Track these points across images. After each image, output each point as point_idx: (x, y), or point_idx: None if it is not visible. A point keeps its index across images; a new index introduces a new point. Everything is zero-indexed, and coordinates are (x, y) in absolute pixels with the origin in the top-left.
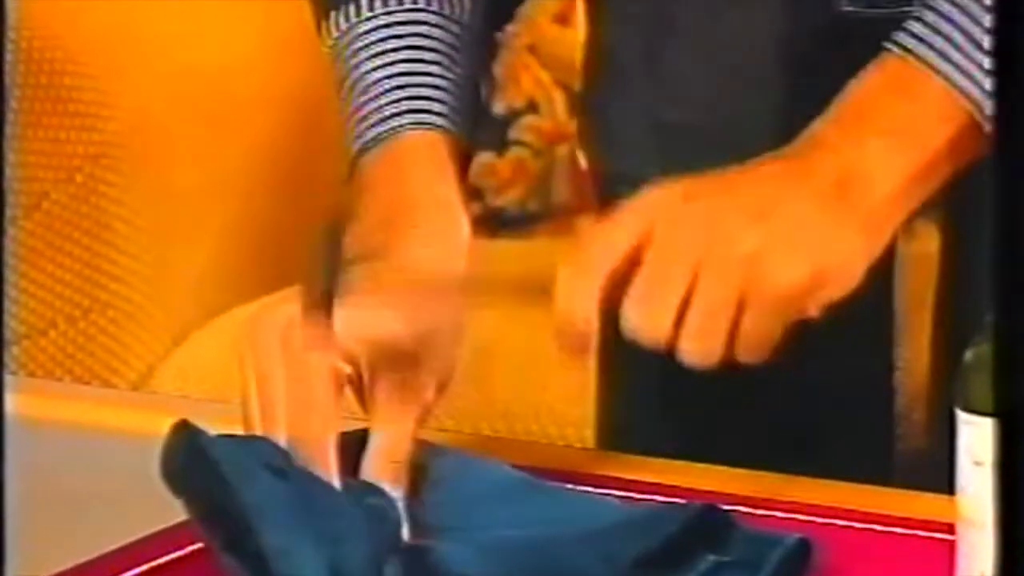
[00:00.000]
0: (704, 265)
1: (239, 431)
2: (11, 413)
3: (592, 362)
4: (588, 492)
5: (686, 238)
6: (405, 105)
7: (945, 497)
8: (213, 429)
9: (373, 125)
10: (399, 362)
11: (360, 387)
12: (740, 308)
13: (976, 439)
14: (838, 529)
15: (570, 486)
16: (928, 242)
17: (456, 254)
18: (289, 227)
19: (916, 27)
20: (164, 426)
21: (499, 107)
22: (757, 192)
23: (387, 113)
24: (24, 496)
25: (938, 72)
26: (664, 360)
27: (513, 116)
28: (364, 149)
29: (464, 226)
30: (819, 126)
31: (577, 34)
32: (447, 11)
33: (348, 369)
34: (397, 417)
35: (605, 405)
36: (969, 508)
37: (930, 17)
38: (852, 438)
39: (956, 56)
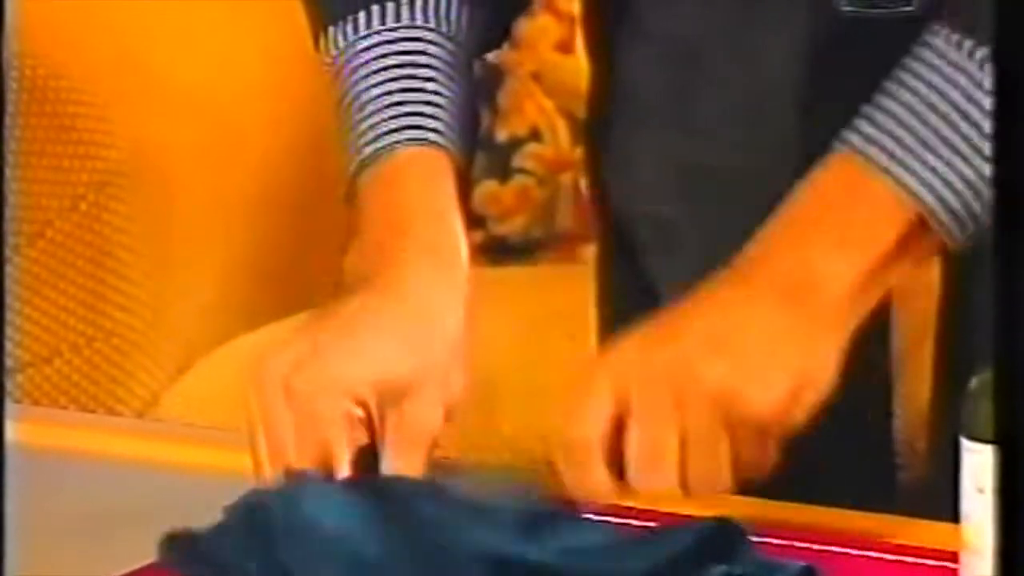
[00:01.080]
0: (688, 414)
1: (244, 457)
2: (15, 441)
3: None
4: (603, 521)
5: (662, 394)
6: (403, 121)
7: (950, 525)
8: (218, 457)
9: (370, 142)
10: (405, 395)
11: (370, 425)
12: (734, 441)
13: (980, 467)
14: (842, 556)
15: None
16: (928, 270)
17: (453, 268)
18: (294, 254)
19: (865, 127)
20: (169, 454)
21: (502, 135)
22: (715, 323)
23: (384, 129)
24: (27, 524)
25: (887, 173)
26: None
27: (516, 144)
28: (362, 167)
29: (460, 239)
30: (767, 232)
31: (580, 62)
32: (444, 29)
33: (359, 412)
34: (408, 451)
35: None
36: (973, 536)
37: (879, 117)
38: (853, 466)
39: (906, 157)
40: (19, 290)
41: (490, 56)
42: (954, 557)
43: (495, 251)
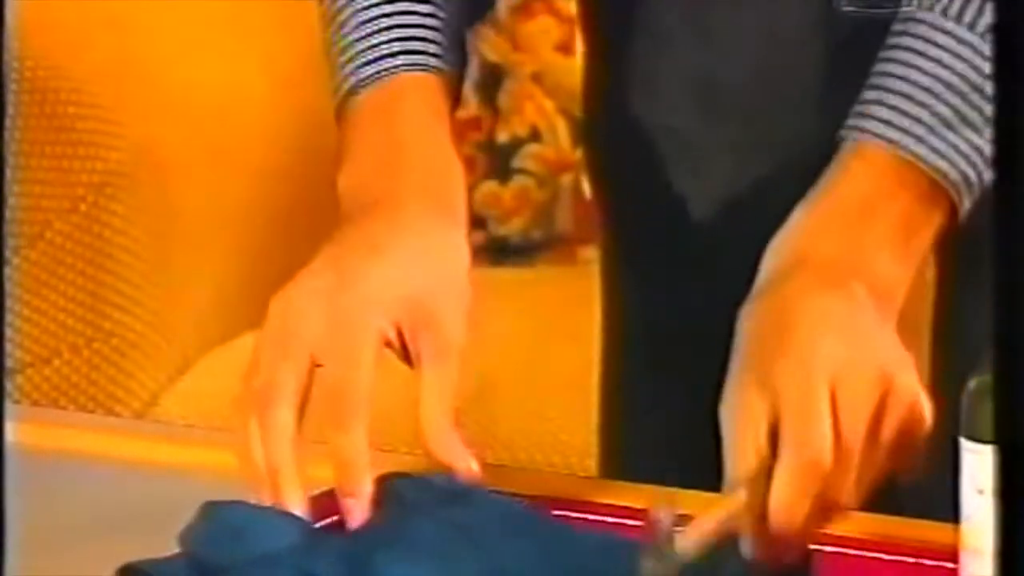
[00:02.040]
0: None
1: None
2: (14, 442)
3: (595, 391)
4: (596, 528)
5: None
6: (399, 46)
7: (950, 525)
8: (217, 457)
9: (365, 64)
10: (434, 313)
11: (403, 345)
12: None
13: (979, 468)
14: (842, 556)
15: (575, 515)
16: (923, 271)
17: (453, 199)
18: (293, 255)
19: (882, 112)
20: (167, 455)
21: (503, 136)
22: (843, 319)
23: (383, 52)
24: (26, 525)
25: (916, 157)
26: (666, 389)
27: (517, 145)
28: (354, 89)
29: (459, 168)
30: (819, 225)
31: (580, 63)
32: None
33: (391, 331)
34: (445, 363)
35: (607, 434)
36: (973, 536)
37: (893, 100)
38: None
39: (930, 138)
40: (18, 291)
41: (491, 57)
42: (952, 557)
43: (495, 252)
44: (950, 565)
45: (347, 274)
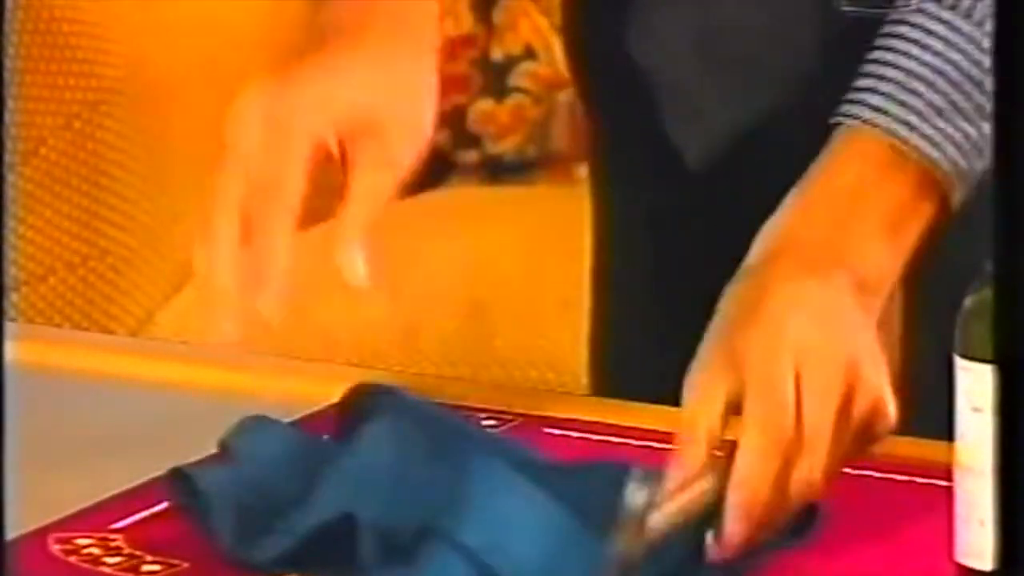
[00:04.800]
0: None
1: (238, 375)
2: (10, 360)
3: (586, 307)
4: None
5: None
6: None
7: (943, 443)
8: (212, 374)
9: None
10: (377, 125)
11: (343, 156)
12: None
13: (975, 386)
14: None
15: (569, 433)
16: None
17: (422, 26)
18: None
19: (875, 99)
20: (163, 372)
21: (497, 54)
22: (819, 306)
23: None
24: (23, 442)
25: (908, 144)
26: (657, 305)
27: (511, 63)
28: None
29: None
30: (808, 212)
31: None
32: None
33: (331, 137)
34: (376, 176)
35: (596, 350)
36: (968, 455)
37: (886, 87)
38: None
39: (922, 126)
40: (13, 208)
41: None
42: (945, 475)
43: (491, 170)
44: (943, 483)
45: (293, 82)
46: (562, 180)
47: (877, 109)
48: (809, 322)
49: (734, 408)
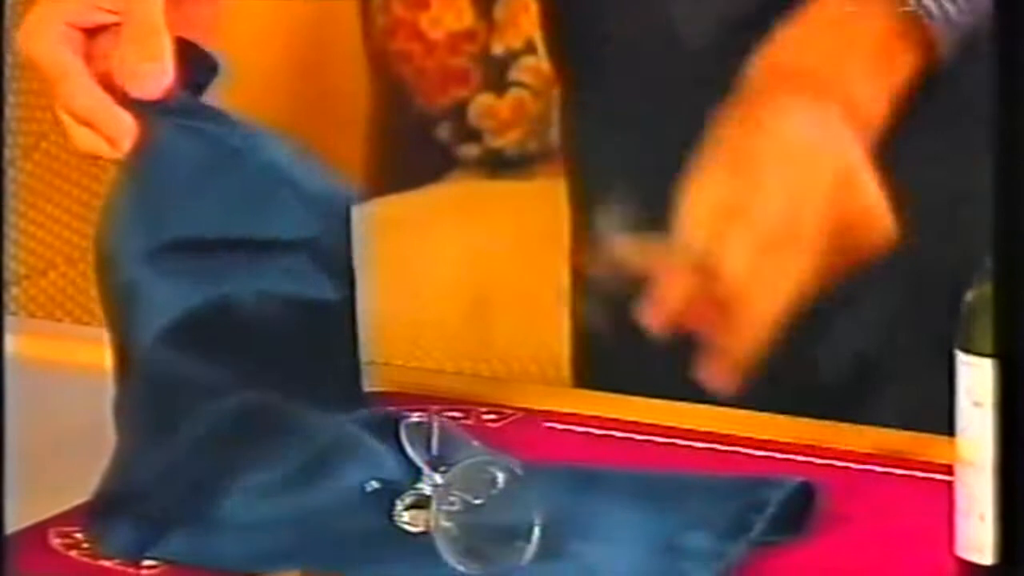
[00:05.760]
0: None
1: None
2: (10, 353)
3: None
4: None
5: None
6: None
7: (944, 438)
8: None
9: None
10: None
11: None
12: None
13: (976, 380)
14: (835, 469)
15: (566, 427)
16: None
17: None
18: None
19: None
20: None
21: (498, 48)
22: (814, 117)
23: None
24: (23, 436)
25: None
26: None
27: (512, 57)
28: None
29: None
30: (806, 42)
31: None
32: None
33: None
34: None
35: (580, 345)
36: (969, 449)
37: None
38: (835, 376)
39: None
40: (14, 203)
41: None
42: (945, 470)
43: (492, 164)
44: (943, 477)
45: None
46: (563, 174)
47: None
48: (805, 125)
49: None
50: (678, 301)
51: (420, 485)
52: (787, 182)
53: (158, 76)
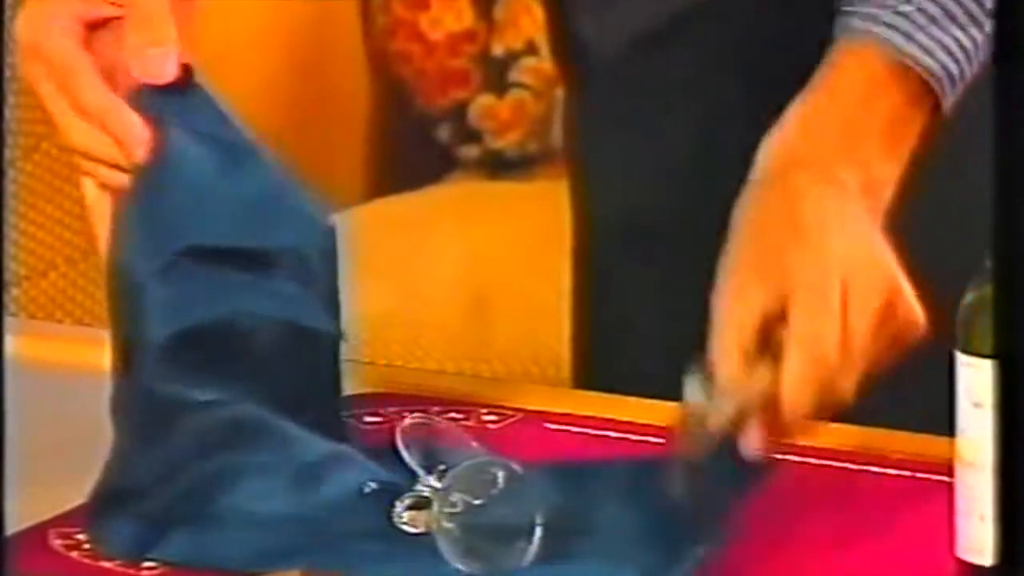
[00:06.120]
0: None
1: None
2: (11, 354)
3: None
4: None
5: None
6: None
7: (943, 439)
8: None
9: None
10: None
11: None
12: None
13: (976, 381)
14: (833, 470)
15: (568, 427)
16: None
17: None
18: (288, 168)
19: (872, 9)
20: None
21: (498, 49)
22: (854, 219)
23: None
24: (23, 436)
25: (905, 55)
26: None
27: (512, 58)
28: None
29: None
30: (809, 125)
31: None
32: None
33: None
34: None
35: (580, 345)
36: (969, 450)
37: None
38: None
39: (918, 35)
40: (14, 204)
41: None
42: (945, 471)
43: (492, 165)
44: (943, 478)
45: None
46: (563, 175)
47: (873, 19)
48: (849, 236)
49: (771, 321)
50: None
51: (419, 487)
52: (840, 296)
53: (165, 60)
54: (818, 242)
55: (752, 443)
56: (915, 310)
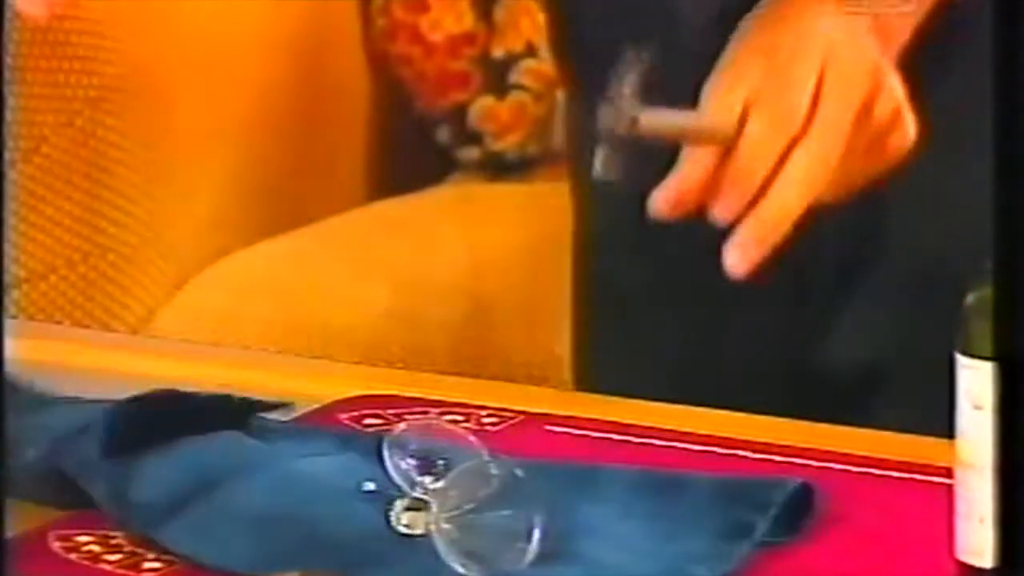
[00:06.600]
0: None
1: (238, 373)
2: (11, 356)
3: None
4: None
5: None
6: None
7: (943, 441)
8: (212, 372)
9: None
10: None
11: None
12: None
13: (976, 383)
14: (835, 472)
15: (566, 430)
16: None
17: None
18: (289, 170)
19: None
20: (163, 370)
21: (498, 51)
22: (846, 20)
23: None
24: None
25: None
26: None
27: (513, 60)
28: None
29: None
30: None
31: None
32: None
33: None
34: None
35: (581, 347)
36: (968, 452)
37: None
38: (831, 379)
39: None
40: (14, 206)
41: None
42: (945, 473)
43: (492, 167)
44: (943, 480)
45: None
46: (563, 177)
47: None
48: (839, 25)
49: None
50: (699, 180)
51: (418, 489)
52: (815, 76)
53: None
54: (801, 26)
55: (734, 254)
56: (903, 116)
